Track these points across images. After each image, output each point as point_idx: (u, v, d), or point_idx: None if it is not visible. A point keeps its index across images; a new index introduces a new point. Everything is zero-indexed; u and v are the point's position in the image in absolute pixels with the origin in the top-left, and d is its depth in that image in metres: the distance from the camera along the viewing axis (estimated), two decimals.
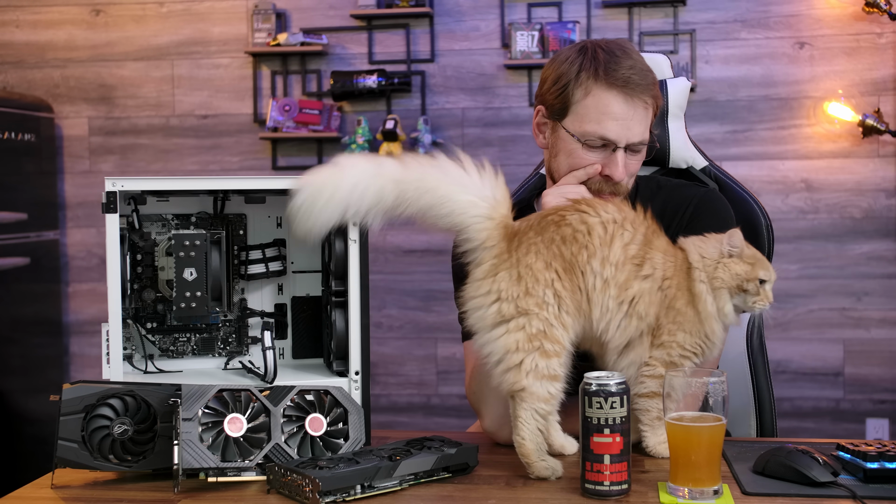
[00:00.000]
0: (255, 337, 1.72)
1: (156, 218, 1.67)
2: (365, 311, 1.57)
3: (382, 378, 4.18)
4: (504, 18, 4.09)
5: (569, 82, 1.62)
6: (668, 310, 1.45)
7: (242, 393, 1.42)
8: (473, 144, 4.12)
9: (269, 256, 1.69)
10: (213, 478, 1.38)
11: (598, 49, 1.63)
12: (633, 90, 1.59)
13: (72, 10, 4.34)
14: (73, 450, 1.39)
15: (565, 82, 1.63)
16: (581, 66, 1.62)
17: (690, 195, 1.72)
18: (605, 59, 1.61)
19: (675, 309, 1.45)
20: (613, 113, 1.60)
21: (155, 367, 1.66)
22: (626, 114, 1.60)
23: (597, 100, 1.60)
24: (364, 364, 1.57)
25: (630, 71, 1.59)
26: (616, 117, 1.60)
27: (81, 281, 4.38)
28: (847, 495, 1.30)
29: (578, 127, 1.62)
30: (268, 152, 4.25)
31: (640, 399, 1.47)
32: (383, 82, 4.08)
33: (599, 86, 1.60)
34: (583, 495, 1.32)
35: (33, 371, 4.04)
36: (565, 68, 1.63)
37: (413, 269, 4.14)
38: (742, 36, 3.98)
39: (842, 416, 3.92)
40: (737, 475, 1.39)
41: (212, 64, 4.28)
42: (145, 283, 1.66)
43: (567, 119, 1.64)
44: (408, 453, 1.39)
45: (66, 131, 4.36)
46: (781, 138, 3.96)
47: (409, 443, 1.45)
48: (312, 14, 4.21)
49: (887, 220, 3.91)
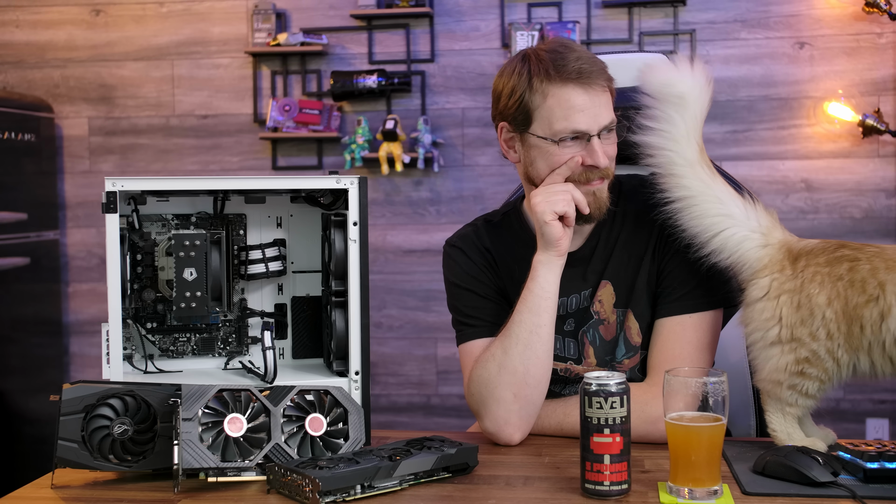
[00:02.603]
0: (255, 337, 1.72)
1: (156, 218, 1.67)
2: (365, 311, 1.57)
3: (382, 378, 4.18)
4: (504, 18, 4.09)
5: (524, 92, 1.63)
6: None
7: (242, 393, 1.42)
8: (473, 144, 4.12)
9: (269, 256, 1.69)
10: (213, 478, 1.38)
11: (540, 52, 1.64)
12: (588, 78, 1.61)
13: (72, 10, 4.33)
14: (73, 450, 1.39)
15: (520, 93, 1.63)
16: (530, 73, 1.63)
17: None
18: (550, 58, 1.62)
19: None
20: (577, 105, 1.61)
21: (155, 367, 1.66)
22: (590, 102, 1.61)
23: (557, 99, 1.61)
24: (364, 364, 1.57)
25: (579, 62, 1.61)
26: (581, 109, 1.61)
27: (81, 281, 4.37)
28: (847, 495, 1.30)
29: (548, 129, 1.63)
30: (268, 152, 4.25)
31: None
32: (383, 82, 4.08)
33: (555, 85, 1.61)
34: (583, 495, 1.32)
35: (33, 371, 4.04)
36: (515, 80, 1.64)
37: (413, 269, 4.14)
38: (742, 36, 3.98)
39: (842, 416, 3.92)
40: (737, 475, 1.39)
41: (212, 64, 4.28)
42: (145, 283, 1.66)
43: (534, 125, 1.64)
44: (408, 453, 1.39)
45: (66, 131, 4.35)
46: (781, 138, 3.96)
47: (409, 443, 1.45)
48: (312, 14, 4.21)
49: (887, 220, 3.90)
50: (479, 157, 4.11)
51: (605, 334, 1.70)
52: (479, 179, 4.12)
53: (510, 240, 1.78)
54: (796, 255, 1.49)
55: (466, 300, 1.75)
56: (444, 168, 4.14)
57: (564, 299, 1.71)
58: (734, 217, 1.54)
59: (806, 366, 1.46)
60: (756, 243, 1.53)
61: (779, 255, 1.51)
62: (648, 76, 1.61)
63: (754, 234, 1.53)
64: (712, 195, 1.55)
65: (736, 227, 1.54)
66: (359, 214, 1.56)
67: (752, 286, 1.52)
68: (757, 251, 1.52)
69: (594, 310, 1.70)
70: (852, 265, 1.45)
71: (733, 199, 1.56)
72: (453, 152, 4.15)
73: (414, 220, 4.18)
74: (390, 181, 4.17)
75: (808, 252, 1.49)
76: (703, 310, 1.65)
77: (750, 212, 1.55)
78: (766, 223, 1.54)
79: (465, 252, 1.77)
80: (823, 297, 1.45)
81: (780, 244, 1.52)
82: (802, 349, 1.46)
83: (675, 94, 1.56)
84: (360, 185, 1.56)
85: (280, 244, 1.70)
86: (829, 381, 1.47)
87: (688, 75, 1.57)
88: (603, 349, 1.70)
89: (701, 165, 1.56)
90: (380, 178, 4.15)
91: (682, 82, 1.56)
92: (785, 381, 1.48)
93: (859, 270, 1.44)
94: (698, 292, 1.65)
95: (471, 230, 1.81)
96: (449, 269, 1.78)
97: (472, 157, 4.13)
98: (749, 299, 1.52)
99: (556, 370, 1.71)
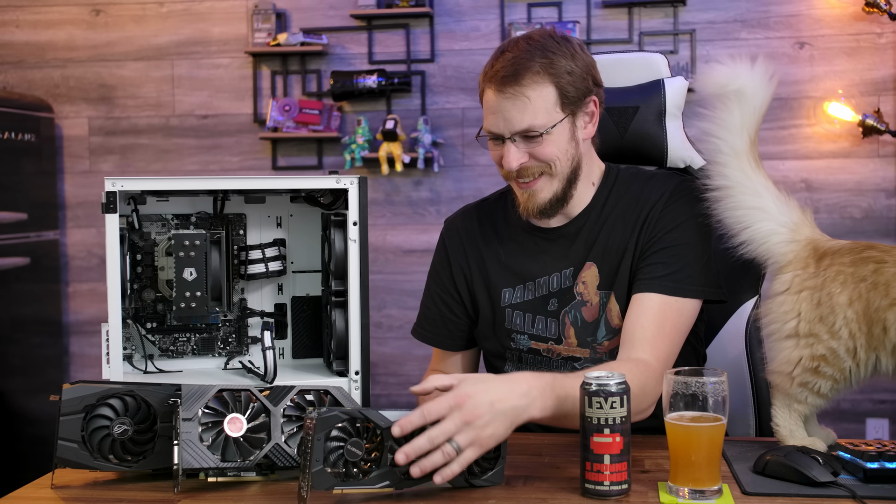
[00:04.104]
0: (255, 337, 1.72)
1: (156, 218, 1.67)
2: (365, 310, 1.57)
3: (382, 378, 4.18)
4: (504, 18, 4.09)
5: (481, 83, 1.71)
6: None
7: (242, 393, 1.42)
8: (473, 144, 4.12)
9: (268, 256, 1.69)
10: (212, 478, 1.38)
11: (500, 49, 1.69)
12: (502, 83, 1.64)
13: (72, 10, 4.33)
14: (73, 450, 1.39)
15: (481, 88, 1.71)
16: (484, 70, 1.70)
17: (664, 184, 1.73)
18: (494, 57, 1.68)
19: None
20: (492, 108, 1.66)
21: (155, 367, 1.66)
22: (501, 106, 1.65)
23: (485, 98, 1.68)
24: (364, 364, 1.57)
25: (501, 64, 1.65)
26: (494, 111, 1.66)
27: (81, 281, 4.37)
28: (847, 495, 1.30)
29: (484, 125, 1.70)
30: (268, 152, 4.25)
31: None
32: (383, 82, 4.08)
33: (486, 84, 1.68)
34: (583, 495, 1.32)
35: (33, 371, 4.04)
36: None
37: (413, 269, 4.14)
38: (742, 36, 3.98)
39: (842, 416, 3.92)
40: (737, 475, 1.39)
41: (212, 64, 4.28)
42: (145, 283, 1.66)
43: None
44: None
45: (66, 131, 4.35)
46: (781, 138, 3.96)
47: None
48: (312, 14, 4.21)
49: (887, 220, 3.90)
50: (479, 157, 4.11)
51: (586, 315, 1.71)
52: (479, 179, 4.12)
53: (502, 217, 1.83)
54: (822, 254, 1.50)
55: (430, 286, 1.89)
56: (444, 168, 4.14)
57: (547, 278, 1.74)
58: (767, 211, 1.55)
59: (822, 363, 1.46)
60: (783, 238, 1.53)
61: (804, 252, 1.51)
62: (704, 80, 1.62)
63: (782, 228, 1.54)
64: (751, 187, 1.56)
65: (767, 221, 1.54)
66: (359, 214, 1.56)
67: (775, 280, 1.52)
68: (783, 246, 1.53)
69: (577, 290, 1.72)
70: (878, 267, 1.44)
71: (771, 194, 1.56)
72: (453, 152, 4.15)
73: (414, 220, 4.18)
74: (390, 181, 4.17)
75: (834, 251, 1.49)
76: (678, 295, 1.64)
77: (784, 207, 1.55)
78: (797, 219, 1.54)
79: (444, 240, 1.88)
80: (845, 297, 1.45)
81: (808, 241, 1.52)
82: (820, 346, 1.46)
83: (732, 90, 1.57)
84: (360, 185, 1.56)
85: (280, 244, 1.70)
86: (843, 382, 1.47)
87: (745, 71, 1.57)
88: (584, 330, 1.71)
89: (748, 157, 1.56)
90: (380, 178, 4.15)
91: (738, 78, 1.57)
92: (797, 376, 1.48)
93: (884, 273, 1.43)
94: (678, 276, 1.64)
95: (459, 215, 1.90)
96: (436, 249, 1.91)
97: (472, 157, 4.13)
98: (771, 293, 1.52)
99: (539, 350, 1.74)
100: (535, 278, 1.75)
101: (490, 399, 1.32)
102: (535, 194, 1.69)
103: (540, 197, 1.69)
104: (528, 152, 1.66)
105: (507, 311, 1.77)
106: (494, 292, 1.79)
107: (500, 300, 1.78)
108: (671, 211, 1.69)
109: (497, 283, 1.78)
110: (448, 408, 1.30)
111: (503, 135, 1.65)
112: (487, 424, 1.31)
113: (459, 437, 1.29)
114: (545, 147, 1.65)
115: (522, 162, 1.66)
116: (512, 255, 1.78)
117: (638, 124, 1.85)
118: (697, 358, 1.81)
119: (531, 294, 1.76)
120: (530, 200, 1.70)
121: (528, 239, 1.77)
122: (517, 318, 1.76)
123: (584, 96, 1.68)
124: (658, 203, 1.70)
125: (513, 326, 1.77)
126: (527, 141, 1.65)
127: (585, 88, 1.67)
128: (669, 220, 1.68)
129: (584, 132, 1.71)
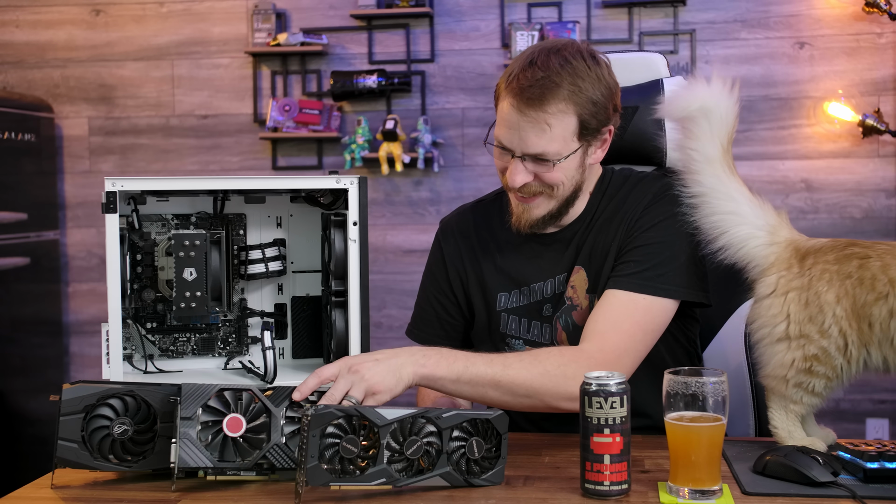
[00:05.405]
0: (255, 337, 1.72)
1: (156, 218, 1.67)
2: (365, 310, 1.57)
3: None
4: (504, 18, 4.09)
5: (498, 87, 1.67)
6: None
7: (244, 393, 1.42)
8: (473, 144, 4.12)
9: (268, 256, 1.68)
10: (211, 476, 1.38)
11: (528, 58, 1.63)
12: (526, 103, 1.60)
13: (72, 10, 4.33)
14: (73, 450, 1.39)
15: (498, 87, 1.68)
16: (506, 74, 1.66)
17: (650, 185, 1.73)
18: (520, 66, 1.62)
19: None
20: (508, 122, 1.63)
21: (155, 367, 1.66)
22: (519, 125, 1.61)
23: (501, 105, 1.65)
24: None
25: (527, 81, 1.59)
26: (510, 126, 1.63)
27: (81, 281, 4.37)
28: (847, 495, 1.30)
29: (495, 128, 1.68)
30: (268, 152, 4.25)
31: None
32: (383, 82, 4.08)
33: (506, 92, 1.64)
34: (583, 495, 1.32)
35: (33, 371, 4.04)
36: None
37: (413, 269, 4.14)
38: (742, 36, 3.98)
39: (842, 415, 3.92)
40: (737, 475, 1.39)
41: (212, 64, 4.28)
42: (145, 283, 1.66)
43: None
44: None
45: (66, 131, 4.35)
46: (781, 138, 3.96)
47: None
48: (312, 14, 4.21)
49: (887, 220, 3.90)
50: (479, 157, 4.11)
51: (577, 320, 1.71)
52: (479, 179, 4.12)
53: (498, 220, 1.82)
54: (804, 254, 1.50)
55: (425, 287, 1.89)
56: (444, 168, 4.14)
57: (542, 283, 1.74)
58: (742, 215, 1.55)
59: (815, 363, 1.46)
60: (762, 241, 1.54)
61: (786, 253, 1.51)
62: (666, 109, 1.63)
63: (760, 231, 1.54)
64: (725, 192, 1.56)
65: (743, 225, 1.55)
66: (359, 214, 1.56)
67: (759, 284, 1.52)
68: (763, 249, 1.53)
69: (567, 295, 1.72)
70: (862, 262, 1.45)
71: (745, 198, 1.56)
72: (453, 152, 4.15)
73: (414, 220, 4.18)
74: (390, 181, 4.17)
75: (816, 250, 1.49)
76: (646, 293, 1.63)
77: (759, 211, 1.56)
78: (773, 222, 1.55)
79: (439, 240, 1.88)
80: (832, 295, 1.45)
81: (787, 242, 1.53)
82: (811, 346, 1.46)
83: (695, 109, 1.57)
84: (360, 185, 1.56)
85: (280, 244, 1.70)
86: (836, 380, 1.47)
87: (702, 90, 1.57)
88: (575, 334, 1.71)
89: (721, 164, 1.57)
90: (380, 178, 4.15)
91: (697, 98, 1.57)
92: (791, 377, 1.48)
93: (869, 268, 1.44)
94: (648, 274, 1.64)
95: (455, 216, 1.90)
96: (431, 250, 1.91)
97: (472, 157, 4.13)
98: (756, 297, 1.52)
99: None
100: (531, 283, 1.75)
101: (375, 357, 1.48)
102: (531, 210, 1.69)
103: (535, 213, 1.69)
104: (535, 173, 1.65)
105: (502, 316, 1.77)
106: (490, 295, 1.79)
107: (495, 304, 1.78)
108: (651, 211, 1.68)
109: (493, 287, 1.79)
110: (338, 368, 1.45)
111: (514, 152, 1.64)
112: (375, 374, 1.44)
113: (354, 391, 1.42)
114: (553, 173, 1.65)
115: (527, 181, 1.66)
116: (508, 260, 1.78)
117: (637, 124, 1.85)
118: (692, 360, 1.80)
119: (526, 299, 1.76)
120: (525, 214, 1.69)
121: (524, 243, 1.77)
122: (512, 322, 1.76)
123: (603, 126, 1.66)
124: (640, 204, 1.70)
125: (508, 331, 1.77)
126: (536, 163, 1.64)
127: (605, 119, 1.66)
128: (647, 219, 1.68)
129: (593, 157, 1.70)
